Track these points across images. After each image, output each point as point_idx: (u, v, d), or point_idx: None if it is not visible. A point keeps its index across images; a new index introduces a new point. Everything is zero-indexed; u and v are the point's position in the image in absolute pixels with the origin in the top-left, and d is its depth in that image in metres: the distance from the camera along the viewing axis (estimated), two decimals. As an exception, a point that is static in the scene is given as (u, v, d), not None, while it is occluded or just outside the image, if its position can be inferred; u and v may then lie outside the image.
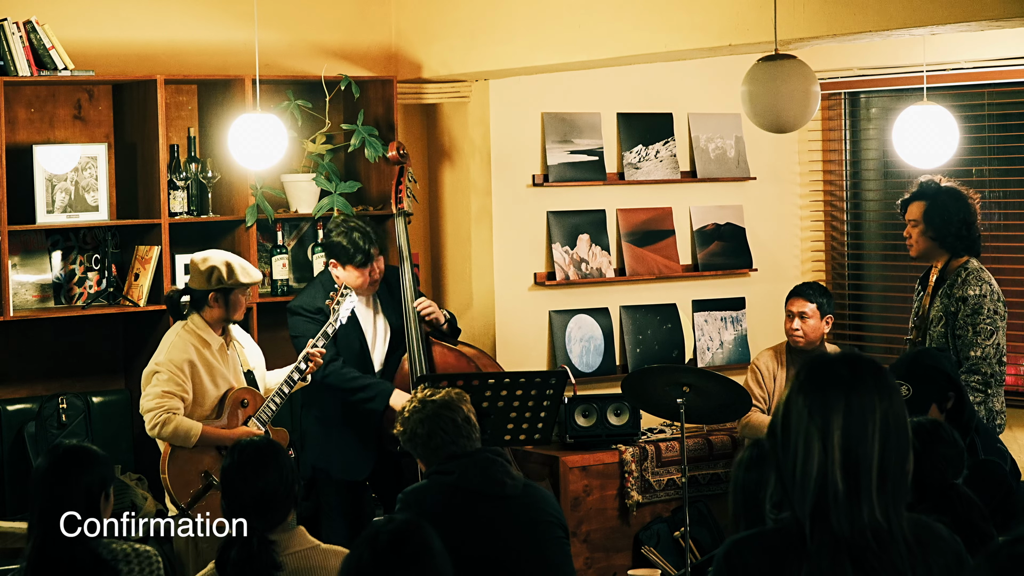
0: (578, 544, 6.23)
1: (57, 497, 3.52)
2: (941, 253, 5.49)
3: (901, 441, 2.35)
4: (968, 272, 5.41)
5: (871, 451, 2.31)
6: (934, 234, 5.46)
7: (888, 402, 2.35)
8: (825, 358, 2.41)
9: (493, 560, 4.00)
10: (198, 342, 5.31)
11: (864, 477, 2.30)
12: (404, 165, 6.04)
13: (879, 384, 2.35)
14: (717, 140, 7.37)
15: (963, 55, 6.83)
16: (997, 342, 5.33)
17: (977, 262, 5.47)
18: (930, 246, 5.52)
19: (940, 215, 5.44)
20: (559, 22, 5.94)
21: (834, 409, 2.32)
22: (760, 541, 2.39)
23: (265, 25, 6.13)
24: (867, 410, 2.32)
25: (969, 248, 5.48)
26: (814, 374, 2.38)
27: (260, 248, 6.29)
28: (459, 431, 4.14)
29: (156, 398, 5.19)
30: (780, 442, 2.36)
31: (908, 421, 2.38)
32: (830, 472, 2.29)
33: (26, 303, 6.00)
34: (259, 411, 5.39)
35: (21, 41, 5.72)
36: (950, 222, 5.43)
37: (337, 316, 5.50)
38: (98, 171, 6.02)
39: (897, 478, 2.33)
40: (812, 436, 2.31)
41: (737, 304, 7.41)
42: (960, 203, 5.44)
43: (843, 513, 2.29)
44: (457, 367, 5.82)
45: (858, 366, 2.37)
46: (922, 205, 5.50)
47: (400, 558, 2.68)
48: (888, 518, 2.31)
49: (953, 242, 5.45)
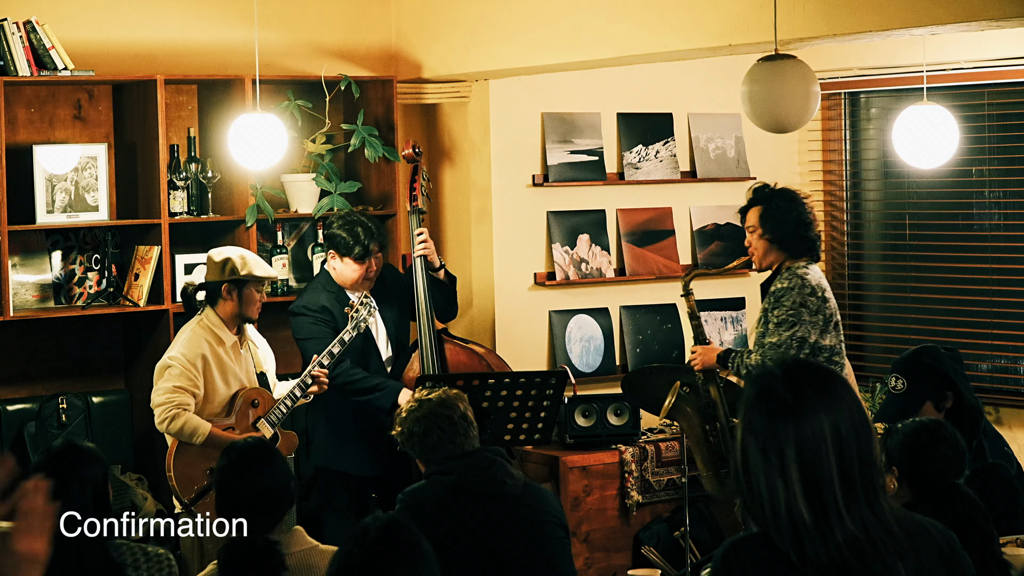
0: (578, 544, 6.23)
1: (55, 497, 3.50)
2: (781, 256, 5.30)
3: (860, 438, 2.33)
4: (788, 269, 5.26)
5: (829, 469, 2.29)
6: (771, 236, 5.28)
7: (835, 413, 2.33)
8: (763, 382, 2.38)
9: (493, 560, 3.99)
10: (212, 338, 5.31)
11: (829, 499, 2.29)
12: (419, 163, 6.05)
13: (822, 398, 2.33)
14: (717, 140, 7.37)
15: (963, 55, 6.83)
16: (801, 336, 5.15)
17: (806, 262, 5.29)
18: (770, 249, 5.30)
19: (776, 216, 5.28)
20: (559, 22, 5.95)
21: (785, 441, 2.31)
22: (759, 543, 2.39)
23: (265, 25, 6.13)
24: (817, 433, 2.30)
25: (809, 250, 5.30)
26: (759, 406, 2.36)
27: (260, 248, 6.28)
28: (456, 429, 4.14)
29: (167, 393, 5.19)
30: (744, 486, 2.36)
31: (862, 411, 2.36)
32: (794, 506, 2.29)
33: (26, 303, 6.00)
34: (269, 412, 5.39)
35: (21, 41, 5.72)
36: (786, 222, 5.27)
37: (356, 324, 5.47)
38: (98, 171, 6.02)
39: (864, 475, 2.32)
40: (772, 476, 2.31)
41: (737, 304, 7.41)
42: (795, 204, 5.30)
43: (816, 541, 2.29)
44: (469, 365, 5.83)
45: (798, 384, 2.35)
46: (758, 210, 5.33)
47: (388, 555, 2.69)
48: (865, 524, 2.30)
49: (792, 243, 5.27)
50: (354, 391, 5.61)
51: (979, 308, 7.04)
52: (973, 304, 7.07)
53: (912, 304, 7.35)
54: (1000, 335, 6.96)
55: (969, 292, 7.09)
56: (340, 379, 5.59)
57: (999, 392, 6.85)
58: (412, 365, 5.83)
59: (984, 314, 7.01)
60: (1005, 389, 6.92)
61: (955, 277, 7.16)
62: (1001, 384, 6.93)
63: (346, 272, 5.70)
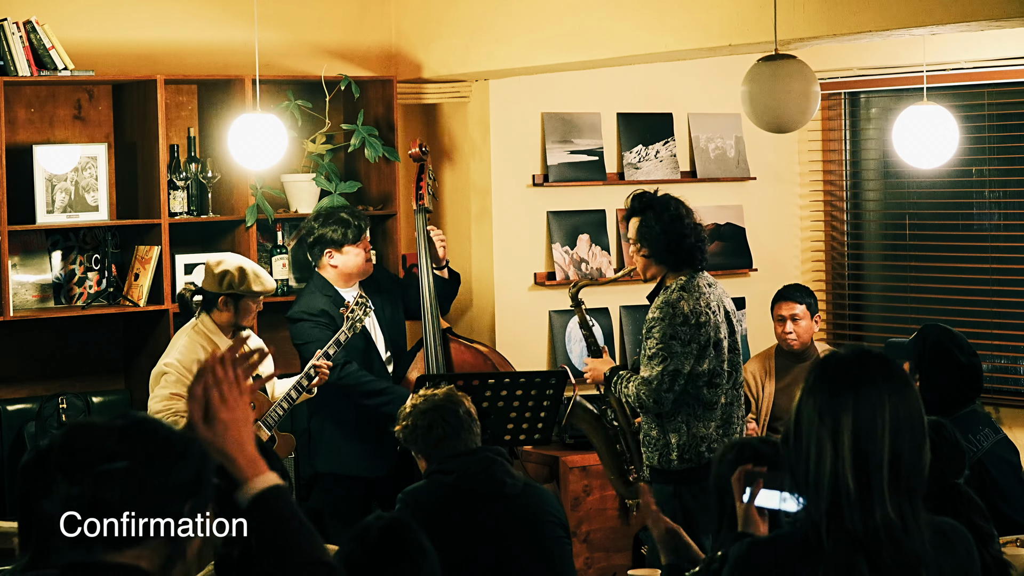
0: (578, 544, 6.23)
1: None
2: (661, 269, 5.10)
3: (915, 435, 2.34)
4: (666, 290, 5.05)
5: (882, 448, 2.30)
6: (649, 250, 5.06)
7: (899, 396, 2.34)
8: (835, 356, 2.41)
9: (493, 560, 4.00)
10: (207, 343, 5.31)
11: (875, 476, 2.30)
12: (425, 162, 6.06)
13: (889, 378, 2.35)
14: (717, 140, 7.37)
15: (963, 55, 6.83)
16: (674, 369, 4.92)
17: (688, 278, 5.05)
18: (649, 264, 5.11)
19: (649, 230, 5.05)
20: (559, 22, 5.95)
21: (843, 408, 2.32)
22: (776, 544, 2.39)
23: (265, 25, 6.13)
24: (876, 406, 2.32)
25: (688, 261, 5.06)
26: (824, 372, 2.38)
27: (260, 248, 6.28)
28: (461, 424, 4.15)
29: (164, 400, 5.20)
30: (792, 447, 2.36)
31: (923, 414, 2.37)
32: (841, 473, 2.30)
33: (26, 303, 6.00)
34: (266, 415, 5.39)
35: (21, 41, 5.72)
36: (658, 239, 5.03)
37: (352, 324, 5.47)
38: (98, 171, 6.02)
39: (912, 473, 2.32)
40: (824, 438, 2.32)
41: (737, 304, 7.37)
42: (671, 215, 5.03)
43: (856, 512, 2.29)
44: (474, 364, 5.84)
45: (868, 361, 2.37)
46: (636, 222, 5.10)
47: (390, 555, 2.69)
48: (903, 515, 2.30)
49: (667, 257, 5.05)
50: (363, 393, 5.60)
51: (979, 308, 7.04)
52: (973, 304, 7.07)
53: (912, 304, 7.35)
54: (1000, 335, 6.97)
55: (969, 292, 7.09)
56: (348, 380, 5.58)
57: (999, 392, 6.84)
58: (417, 365, 5.83)
59: (984, 314, 7.01)
60: (1005, 389, 6.92)
61: (955, 277, 7.16)
62: (1001, 384, 6.93)
63: (349, 261, 5.71)
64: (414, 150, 6.06)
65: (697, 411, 5.04)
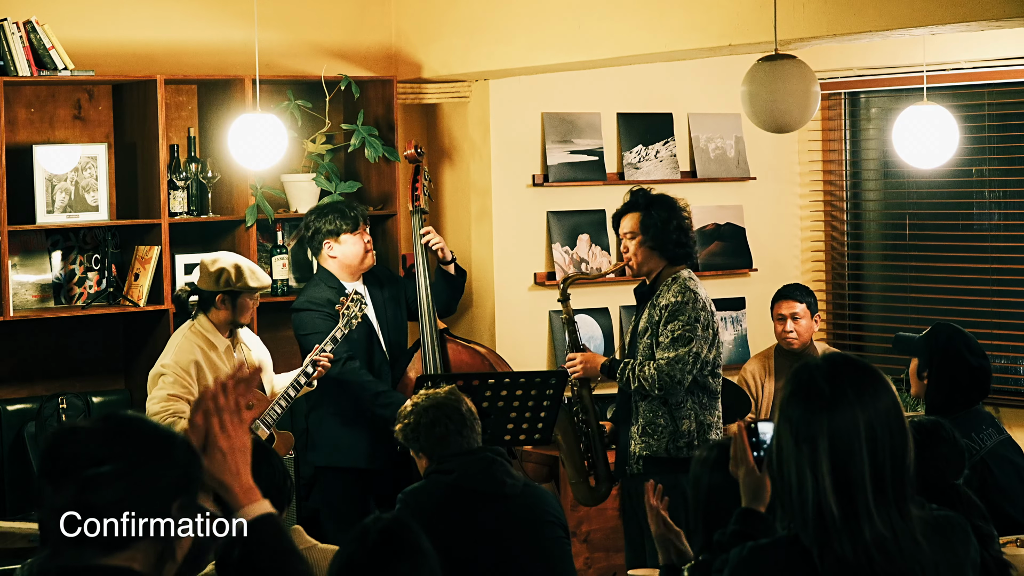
0: (578, 544, 6.22)
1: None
2: (660, 263, 5.23)
3: (894, 434, 2.34)
4: (675, 280, 5.19)
5: (861, 463, 2.30)
6: (653, 243, 5.20)
7: (872, 408, 2.33)
8: (804, 375, 2.40)
9: (493, 560, 4.00)
10: (204, 343, 5.31)
11: (859, 493, 2.30)
12: (420, 164, 6.06)
13: (861, 394, 2.34)
14: (717, 140, 7.37)
15: (963, 55, 6.83)
16: (696, 351, 5.07)
17: (689, 272, 5.23)
18: (650, 256, 5.23)
19: (656, 223, 5.20)
20: (559, 22, 5.95)
21: (819, 431, 2.32)
22: (776, 548, 2.39)
23: (265, 25, 6.13)
24: (851, 427, 2.31)
25: (686, 257, 5.24)
26: (796, 396, 2.38)
27: (260, 248, 6.29)
28: (464, 421, 4.15)
29: (162, 401, 5.19)
30: (776, 472, 2.37)
31: (898, 406, 2.37)
32: (824, 501, 2.30)
33: (26, 303, 6.00)
34: (264, 414, 5.38)
35: (21, 41, 5.72)
36: (667, 230, 5.20)
37: (348, 321, 5.47)
38: (98, 171, 6.02)
39: (895, 478, 2.32)
40: (803, 466, 2.32)
41: (737, 304, 7.41)
42: (674, 211, 5.23)
43: (844, 537, 2.29)
44: (472, 365, 5.84)
45: (837, 374, 2.36)
46: (637, 216, 5.25)
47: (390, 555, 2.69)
48: (893, 527, 2.30)
49: (673, 249, 5.21)
50: (362, 391, 5.61)
51: (979, 308, 7.04)
52: (973, 304, 7.07)
53: (912, 304, 7.35)
54: (1000, 335, 6.97)
55: (969, 292, 7.09)
56: (349, 376, 5.59)
57: (999, 392, 6.84)
58: (415, 365, 5.83)
59: (984, 314, 7.01)
60: (1005, 389, 6.92)
61: (955, 277, 7.16)
62: (1001, 384, 6.92)
63: (349, 251, 5.73)
64: (409, 151, 6.07)
65: (703, 399, 5.19)
